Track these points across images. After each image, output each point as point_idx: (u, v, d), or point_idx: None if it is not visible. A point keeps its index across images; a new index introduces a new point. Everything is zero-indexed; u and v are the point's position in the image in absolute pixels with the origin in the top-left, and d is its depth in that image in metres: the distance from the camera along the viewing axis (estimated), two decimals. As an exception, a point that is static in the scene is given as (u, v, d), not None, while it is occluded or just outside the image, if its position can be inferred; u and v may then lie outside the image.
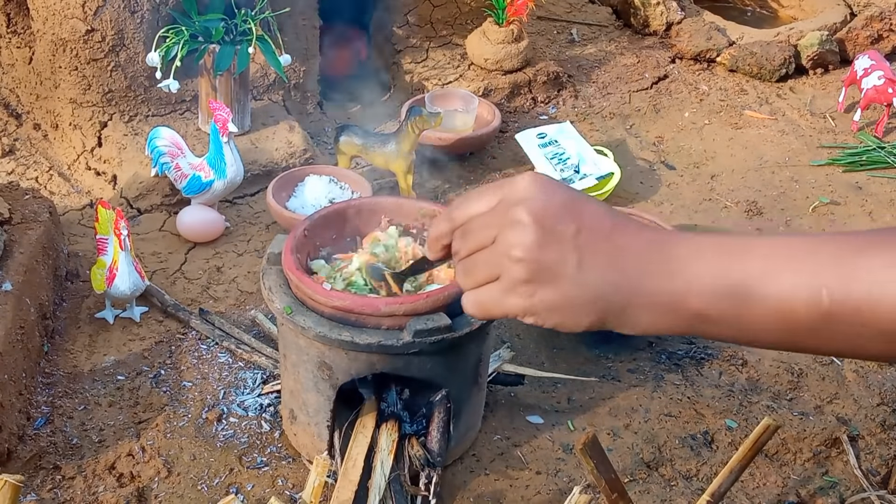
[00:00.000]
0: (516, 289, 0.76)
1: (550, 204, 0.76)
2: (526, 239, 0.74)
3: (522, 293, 0.75)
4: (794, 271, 0.70)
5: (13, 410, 1.93)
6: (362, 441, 1.81)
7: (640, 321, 0.75)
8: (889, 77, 3.24)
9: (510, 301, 0.76)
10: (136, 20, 2.77)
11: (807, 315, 0.70)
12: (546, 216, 0.75)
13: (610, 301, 0.75)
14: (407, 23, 3.50)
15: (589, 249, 0.75)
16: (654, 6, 3.95)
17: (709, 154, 3.29)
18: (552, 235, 0.74)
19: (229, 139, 2.55)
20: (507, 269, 0.76)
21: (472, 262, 0.79)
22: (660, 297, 0.74)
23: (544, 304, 0.75)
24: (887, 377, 2.29)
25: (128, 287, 2.22)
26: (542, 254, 0.74)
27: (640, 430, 2.09)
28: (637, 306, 0.74)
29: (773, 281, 0.71)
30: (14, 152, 2.97)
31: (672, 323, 0.75)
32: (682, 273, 0.73)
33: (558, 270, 0.74)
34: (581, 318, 0.76)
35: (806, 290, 0.69)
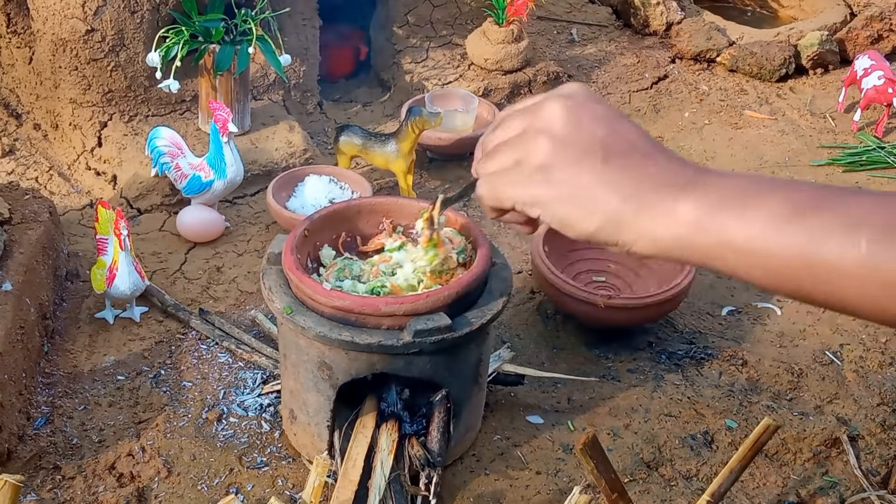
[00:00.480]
0: (532, 175, 0.73)
1: (589, 106, 0.74)
2: (554, 125, 0.72)
3: (537, 179, 0.73)
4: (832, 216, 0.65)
5: (13, 410, 1.93)
6: (362, 441, 1.81)
7: (659, 237, 0.70)
8: (889, 77, 3.24)
9: (522, 185, 0.74)
10: (136, 20, 2.77)
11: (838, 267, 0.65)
12: (581, 113, 0.73)
13: (627, 205, 0.70)
14: (407, 23, 3.50)
15: (617, 152, 0.72)
16: (654, 6, 3.95)
17: (709, 154, 3.29)
18: (582, 129, 0.72)
19: (229, 139, 2.55)
20: (528, 153, 0.73)
21: (496, 149, 0.77)
22: (687, 216, 0.69)
23: (556, 194, 0.72)
24: (887, 377, 2.29)
25: (128, 287, 2.22)
26: (568, 141, 0.72)
27: (640, 430, 2.09)
28: (659, 219, 0.70)
29: (803, 227, 0.66)
30: (14, 152, 2.97)
31: (692, 247, 0.70)
32: (714, 198, 0.69)
33: (581, 161, 0.71)
34: (591, 217, 0.71)
35: (840, 240, 0.64)
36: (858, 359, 2.34)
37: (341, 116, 3.36)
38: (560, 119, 0.73)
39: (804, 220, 0.66)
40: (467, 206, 2.87)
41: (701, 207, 0.69)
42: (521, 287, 2.53)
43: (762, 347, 2.38)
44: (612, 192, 0.71)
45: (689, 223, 0.69)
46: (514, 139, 0.75)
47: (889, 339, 2.42)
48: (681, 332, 2.40)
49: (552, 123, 0.73)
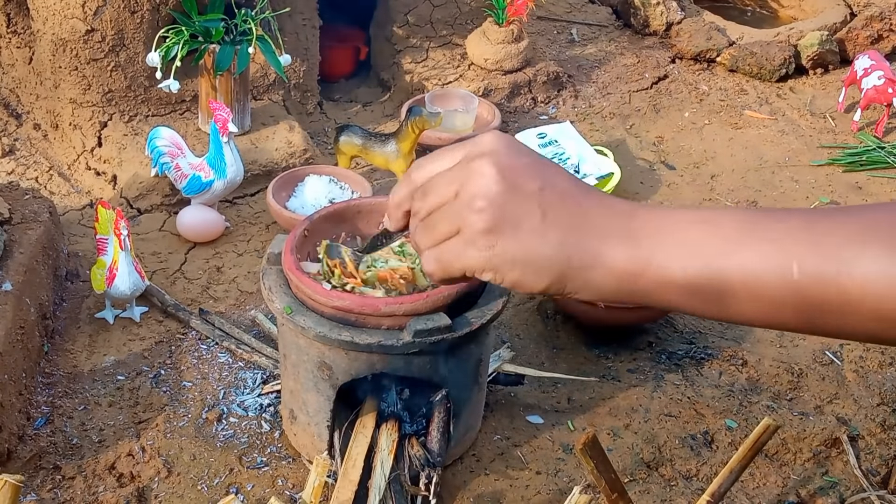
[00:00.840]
0: (477, 241, 0.73)
1: (516, 160, 0.74)
2: (489, 189, 0.73)
3: (483, 245, 0.73)
4: (763, 242, 0.68)
5: (13, 410, 1.93)
6: (362, 441, 1.81)
7: (601, 286, 0.73)
8: (889, 77, 3.24)
9: (470, 254, 0.74)
10: (136, 20, 2.77)
11: (778, 289, 0.68)
12: (511, 170, 0.73)
13: (571, 260, 0.72)
14: (407, 23, 3.50)
15: (553, 206, 0.73)
16: (654, 6, 3.95)
17: (709, 154, 3.29)
18: (516, 189, 0.73)
19: (229, 139, 2.55)
20: (468, 220, 0.73)
21: (431, 220, 0.76)
22: (623, 264, 0.72)
23: (505, 258, 0.73)
24: (887, 377, 2.29)
25: (128, 287, 2.22)
26: (506, 204, 0.72)
27: (640, 430, 2.09)
28: (598, 269, 0.72)
29: (739, 253, 0.69)
30: (14, 152, 2.97)
31: (633, 291, 0.73)
32: (645, 244, 0.71)
33: (521, 222, 0.72)
34: (541, 276, 0.73)
35: (775, 263, 0.67)
36: (858, 359, 2.34)
37: (341, 116, 3.36)
38: (492, 180, 0.73)
39: (735, 251, 0.69)
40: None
41: (633, 252, 0.72)
42: (521, 287, 2.53)
43: (762, 347, 2.38)
44: (553, 252, 0.73)
45: (623, 269, 0.72)
46: (449, 207, 0.75)
47: (889, 339, 2.41)
48: (681, 332, 2.40)
49: (485, 186, 0.73)
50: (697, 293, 0.71)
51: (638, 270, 0.71)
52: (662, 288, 0.72)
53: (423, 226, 0.77)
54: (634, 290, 0.73)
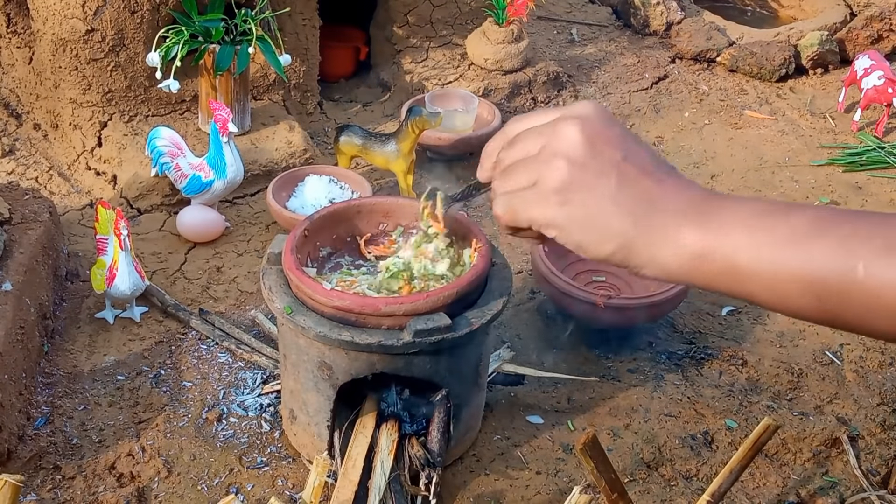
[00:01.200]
0: (549, 196, 0.75)
1: (604, 128, 0.75)
2: (572, 149, 0.74)
3: (554, 201, 0.74)
4: (831, 240, 0.68)
5: (13, 410, 1.93)
6: (362, 441, 1.81)
7: (666, 264, 0.73)
8: (889, 77, 3.24)
9: (540, 207, 0.75)
10: (136, 20, 2.77)
11: (839, 289, 0.68)
12: (597, 136, 0.75)
13: (639, 233, 0.73)
14: (407, 23, 3.50)
15: (631, 177, 0.74)
16: (654, 6, 3.95)
17: (709, 154, 3.29)
18: (598, 154, 0.74)
19: (229, 139, 2.55)
20: (545, 174, 0.75)
21: (512, 168, 0.78)
22: (692, 245, 0.72)
23: (572, 217, 0.74)
24: (887, 377, 2.29)
25: (128, 287, 2.22)
26: (585, 167, 0.74)
27: (640, 430, 2.09)
28: (667, 246, 0.72)
29: (805, 249, 0.69)
30: (14, 152, 2.97)
31: (697, 273, 0.73)
32: (717, 227, 0.71)
33: (596, 186, 0.73)
34: (606, 242, 0.74)
35: (843, 261, 0.67)
36: (858, 359, 2.34)
37: (341, 116, 3.36)
38: (577, 142, 0.74)
39: (804, 245, 0.69)
40: (467, 206, 2.87)
41: (705, 236, 0.72)
42: (521, 287, 2.53)
43: (762, 347, 2.38)
44: (624, 219, 0.73)
45: (693, 251, 0.72)
46: (531, 159, 0.77)
47: (889, 339, 2.42)
48: (681, 332, 2.40)
49: (569, 146, 0.75)
50: (760, 284, 0.71)
51: (705, 254, 0.72)
52: (726, 275, 0.72)
53: (504, 173, 0.79)
54: (698, 273, 0.73)
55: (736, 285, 0.72)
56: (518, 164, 0.77)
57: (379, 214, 1.98)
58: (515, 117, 0.83)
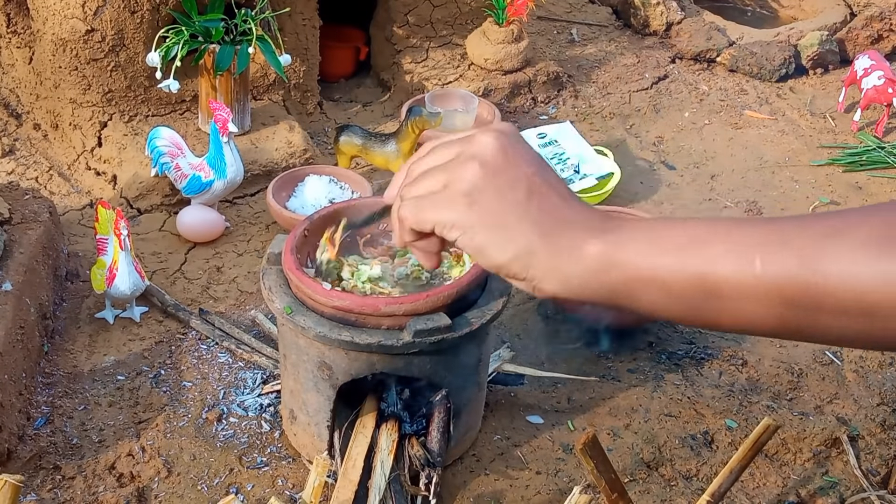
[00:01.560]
0: (458, 198, 0.76)
1: (519, 145, 0.78)
2: (487, 154, 0.76)
3: (462, 202, 0.75)
4: (728, 241, 0.70)
5: (13, 410, 1.93)
6: (362, 441, 1.81)
7: (569, 274, 0.74)
8: (889, 77, 3.24)
9: (447, 208, 0.76)
10: (136, 20, 2.77)
11: (744, 287, 0.68)
12: (512, 149, 0.77)
13: (543, 241, 0.74)
14: (407, 23, 3.50)
15: (540, 190, 0.76)
16: (654, 6, 3.95)
17: (709, 154, 3.29)
18: (512, 164, 0.76)
19: (229, 139, 2.55)
20: (457, 175, 0.76)
21: (423, 174, 0.79)
22: (594, 253, 0.73)
23: (479, 219, 0.75)
24: (887, 377, 2.29)
25: (128, 287, 2.22)
26: (497, 172, 0.76)
27: (640, 430, 2.09)
28: (569, 255, 0.73)
29: (705, 250, 0.70)
30: (14, 152, 2.97)
31: (601, 284, 0.74)
32: (621, 240, 0.73)
33: (507, 191, 0.75)
34: (507, 246, 0.75)
35: (741, 259, 0.69)
36: (858, 359, 2.34)
37: (341, 116, 3.36)
38: (492, 149, 0.77)
39: (702, 248, 0.71)
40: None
41: (608, 247, 0.73)
42: (521, 287, 2.53)
43: (762, 347, 2.38)
44: (529, 227, 0.74)
45: (596, 260, 0.73)
46: (445, 164, 0.78)
47: (889, 339, 2.41)
48: (681, 332, 2.40)
49: (485, 152, 0.77)
50: (665, 290, 0.72)
51: (608, 262, 0.73)
52: (625, 284, 0.73)
53: (414, 181, 0.80)
54: (602, 284, 0.73)
55: (637, 293, 0.73)
56: (431, 170, 0.79)
57: (379, 214, 1.98)
58: (431, 140, 0.85)
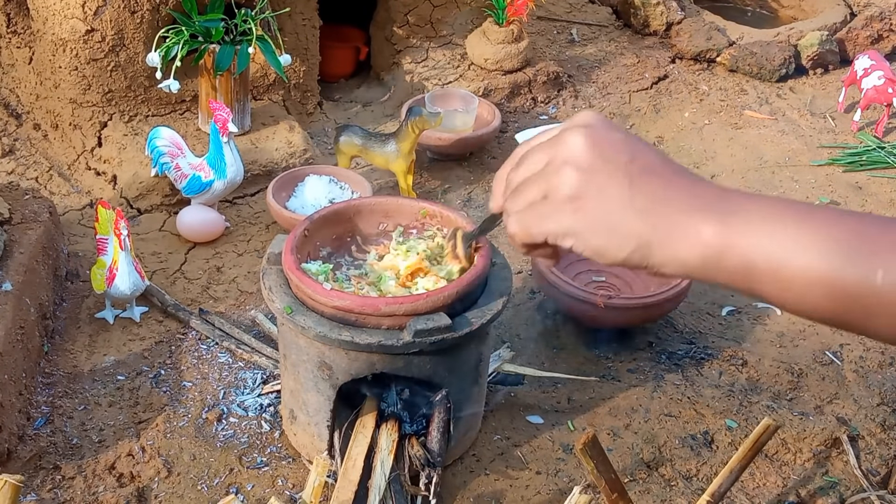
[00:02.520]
0: (562, 206, 0.75)
1: (608, 133, 0.76)
2: (579, 156, 0.74)
3: (568, 210, 0.74)
4: (852, 246, 0.68)
5: (13, 410, 1.93)
6: (362, 441, 1.81)
7: (685, 259, 0.73)
8: (889, 77, 3.24)
9: (554, 218, 0.75)
10: (136, 20, 2.77)
11: (857, 293, 0.68)
12: (602, 142, 0.75)
13: (656, 230, 0.73)
14: (407, 23, 3.50)
15: (641, 178, 0.74)
16: (654, 6, 3.95)
17: (709, 154, 3.29)
18: (605, 159, 0.74)
19: (229, 139, 2.55)
20: (555, 184, 0.75)
21: (522, 186, 0.78)
22: (710, 238, 0.71)
23: (589, 223, 0.74)
24: (887, 377, 2.29)
25: (128, 287, 2.22)
26: (593, 172, 0.74)
27: (640, 430, 2.09)
28: (684, 241, 0.72)
29: (821, 255, 0.69)
30: (14, 152, 2.97)
31: (717, 269, 0.72)
32: (736, 221, 0.71)
33: (608, 189, 0.73)
34: (624, 244, 0.73)
35: (864, 269, 0.67)
36: (858, 359, 2.34)
37: (341, 116, 3.36)
38: (582, 149, 0.75)
39: (825, 247, 0.69)
40: (468, 206, 2.87)
41: (723, 230, 0.71)
42: (521, 287, 2.53)
43: (762, 347, 2.38)
44: (639, 219, 0.73)
45: (712, 245, 0.71)
46: (539, 173, 0.77)
47: (889, 339, 2.41)
48: (681, 332, 2.40)
49: (575, 154, 0.75)
50: (778, 284, 0.71)
51: (724, 248, 0.71)
52: (745, 271, 0.71)
53: (514, 193, 0.79)
54: (718, 269, 0.72)
55: (753, 283, 0.72)
56: (527, 180, 0.78)
57: (379, 214, 1.98)
58: (523, 143, 0.83)
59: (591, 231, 0.74)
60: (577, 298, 2.22)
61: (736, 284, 0.73)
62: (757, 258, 0.70)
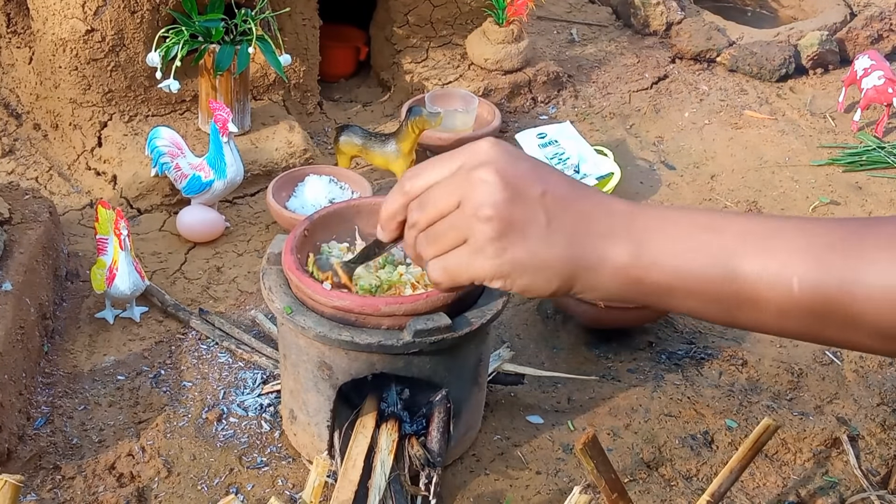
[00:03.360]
0: (485, 249, 0.74)
1: (516, 166, 0.75)
2: (495, 197, 0.73)
3: (491, 253, 0.74)
4: (765, 254, 0.70)
5: (13, 410, 1.93)
6: (362, 441, 1.81)
7: (607, 286, 0.74)
8: (889, 77, 3.24)
9: (479, 263, 0.75)
10: (136, 20, 2.77)
11: (777, 301, 0.69)
12: (513, 176, 0.74)
13: (577, 262, 0.73)
14: (407, 23, 3.50)
15: (556, 210, 0.74)
16: (654, 6, 3.95)
17: (709, 154, 3.29)
18: (520, 195, 0.74)
19: (229, 139, 2.55)
20: (475, 229, 0.74)
21: (434, 230, 0.77)
22: (626, 263, 0.73)
23: (514, 264, 0.74)
24: (887, 377, 2.29)
25: (128, 287, 2.22)
26: (512, 211, 0.73)
27: (640, 430, 2.09)
28: (603, 270, 0.73)
29: (742, 262, 0.70)
30: (14, 152, 2.97)
31: (638, 291, 0.74)
32: (649, 244, 0.72)
33: (528, 228, 0.73)
34: (550, 280, 0.74)
35: (775, 275, 0.69)
36: (858, 359, 2.34)
37: (341, 116, 3.36)
38: (495, 189, 0.74)
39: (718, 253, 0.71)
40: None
41: (632, 254, 0.73)
42: (521, 287, 2.53)
43: (762, 347, 2.38)
44: (561, 254, 0.74)
45: (626, 271, 0.73)
46: (454, 216, 0.76)
47: (889, 339, 2.41)
48: (681, 332, 2.40)
49: (489, 194, 0.74)
50: (699, 296, 0.72)
51: (641, 270, 0.73)
52: (665, 290, 0.73)
53: (426, 236, 0.78)
54: (639, 290, 0.74)
55: (677, 301, 0.74)
56: (439, 224, 0.77)
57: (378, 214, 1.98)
58: (409, 172, 0.82)
59: (518, 272, 0.74)
60: (577, 298, 2.22)
61: (659, 304, 0.75)
62: (671, 279, 0.72)
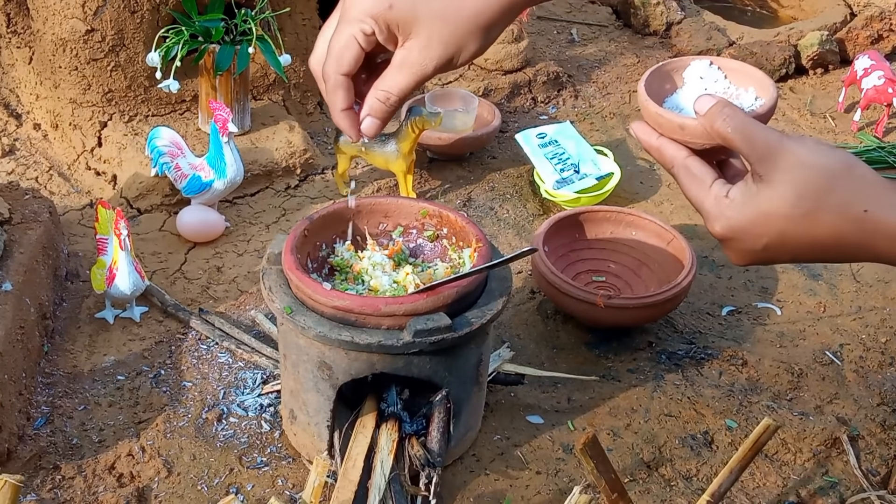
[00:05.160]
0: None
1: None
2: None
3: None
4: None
5: (13, 410, 1.93)
6: (362, 441, 1.81)
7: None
8: (889, 77, 3.24)
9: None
10: (136, 20, 2.77)
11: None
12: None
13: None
14: (407, 23, 3.49)
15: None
16: (654, 6, 3.95)
17: (709, 154, 3.29)
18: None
19: (229, 139, 2.55)
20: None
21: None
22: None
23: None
24: (887, 377, 2.29)
25: (128, 287, 2.22)
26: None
27: (640, 430, 2.09)
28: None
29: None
30: (14, 152, 2.97)
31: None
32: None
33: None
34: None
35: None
36: (858, 359, 2.34)
37: (341, 116, 3.36)
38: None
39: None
40: (468, 206, 2.87)
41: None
42: (521, 287, 2.53)
43: (762, 347, 2.38)
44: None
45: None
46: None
47: (889, 340, 2.42)
48: (681, 332, 2.40)
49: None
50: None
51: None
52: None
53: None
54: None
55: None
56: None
57: (379, 214, 1.98)
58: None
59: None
60: (577, 298, 2.22)
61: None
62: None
